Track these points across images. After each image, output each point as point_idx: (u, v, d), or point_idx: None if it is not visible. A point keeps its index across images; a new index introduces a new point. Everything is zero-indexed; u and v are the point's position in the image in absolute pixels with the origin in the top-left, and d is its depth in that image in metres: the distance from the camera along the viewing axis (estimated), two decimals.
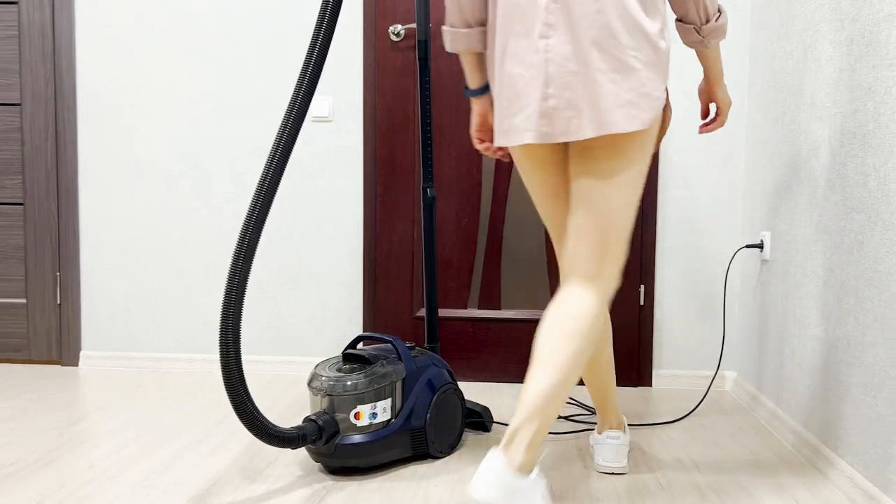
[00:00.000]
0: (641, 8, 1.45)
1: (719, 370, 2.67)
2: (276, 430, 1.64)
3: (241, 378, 1.57)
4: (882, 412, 1.59)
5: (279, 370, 2.81)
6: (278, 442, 1.64)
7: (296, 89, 1.67)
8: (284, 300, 2.80)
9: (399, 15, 2.66)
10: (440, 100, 2.69)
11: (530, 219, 2.69)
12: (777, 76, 2.26)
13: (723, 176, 2.61)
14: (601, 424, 1.91)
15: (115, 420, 2.24)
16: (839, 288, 1.81)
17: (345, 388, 1.77)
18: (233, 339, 1.56)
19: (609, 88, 1.44)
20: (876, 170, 1.64)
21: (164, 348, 2.87)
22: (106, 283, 2.87)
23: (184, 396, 2.49)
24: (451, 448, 1.97)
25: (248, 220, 1.60)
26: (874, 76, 1.65)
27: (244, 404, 1.58)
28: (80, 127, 2.84)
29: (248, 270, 1.59)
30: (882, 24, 1.62)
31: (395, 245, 2.73)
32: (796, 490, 1.77)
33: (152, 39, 2.80)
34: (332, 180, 2.75)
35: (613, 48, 1.43)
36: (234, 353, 1.56)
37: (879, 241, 1.61)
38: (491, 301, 2.73)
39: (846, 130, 1.78)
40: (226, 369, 1.55)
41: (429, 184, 2.14)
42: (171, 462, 1.91)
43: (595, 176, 1.52)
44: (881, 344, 1.60)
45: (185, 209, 2.82)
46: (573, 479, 1.82)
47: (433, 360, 1.97)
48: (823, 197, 1.90)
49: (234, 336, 1.56)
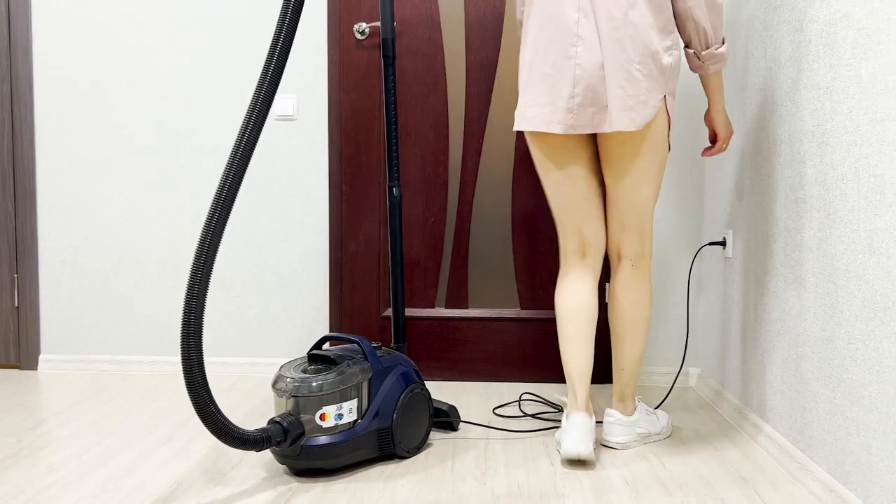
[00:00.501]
0: (654, 27, 1.79)
1: (683, 367, 2.70)
2: (240, 432, 1.62)
3: (203, 380, 1.54)
4: (840, 406, 1.62)
5: (243, 372, 2.78)
6: (242, 444, 1.62)
7: (258, 87, 1.65)
8: (249, 301, 2.77)
9: (364, 13, 2.65)
10: (406, 98, 2.68)
11: (497, 217, 2.69)
12: (738, 75, 2.29)
13: (689, 175, 2.64)
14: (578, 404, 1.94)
15: (76, 424, 2.20)
16: (799, 285, 1.84)
17: (310, 390, 1.75)
18: (194, 341, 1.53)
19: (617, 94, 1.79)
20: (833, 168, 1.66)
21: (126, 350, 2.82)
22: (65, 285, 2.82)
23: (146, 399, 2.46)
24: (418, 448, 1.97)
25: (210, 219, 1.58)
26: (832, 76, 1.68)
27: (206, 407, 1.55)
28: (37, 125, 2.78)
29: (209, 270, 1.57)
30: (839, 24, 1.65)
31: (361, 244, 2.72)
32: (759, 484, 1.79)
33: (111, 36, 2.75)
34: (296, 179, 2.73)
35: (624, 61, 1.78)
36: (195, 355, 1.53)
37: (838, 238, 1.64)
38: (458, 300, 2.73)
39: (805, 129, 1.81)
40: (188, 371, 1.53)
41: (394, 183, 2.13)
42: (133, 465, 1.88)
43: (620, 173, 1.91)
44: (839, 339, 1.63)
45: (145, 208, 2.78)
46: (539, 476, 1.82)
47: (400, 359, 1.96)
48: (784, 195, 1.93)
49: (196, 337, 1.54)
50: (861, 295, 1.54)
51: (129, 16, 2.73)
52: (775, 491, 1.75)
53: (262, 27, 2.70)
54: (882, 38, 1.48)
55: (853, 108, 1.58)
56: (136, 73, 2.75)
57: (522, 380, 2.71)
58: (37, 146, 2.79)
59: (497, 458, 1.95)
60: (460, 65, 2.66)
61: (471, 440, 2.09)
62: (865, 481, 1.52)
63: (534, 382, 2.71)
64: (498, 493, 1.72)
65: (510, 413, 2.34)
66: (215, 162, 2.75)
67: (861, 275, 1.54)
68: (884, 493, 1.45)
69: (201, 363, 1.54)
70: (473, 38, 2.65)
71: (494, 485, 1.77)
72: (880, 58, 1.48)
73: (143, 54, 2.74)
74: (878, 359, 1.47)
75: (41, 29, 2.76)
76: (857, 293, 1.56)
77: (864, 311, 1.53)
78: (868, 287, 1.51)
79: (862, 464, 1.53)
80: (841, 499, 1.59)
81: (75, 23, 2.75)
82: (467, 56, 2.66)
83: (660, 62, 1.80)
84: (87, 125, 2.78)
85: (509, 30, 2.64)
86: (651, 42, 1.79)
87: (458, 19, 2.65)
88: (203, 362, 1.55)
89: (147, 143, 2.76)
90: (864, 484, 1.52)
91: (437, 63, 2.66)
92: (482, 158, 2.69)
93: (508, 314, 2.71)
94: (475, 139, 2.68)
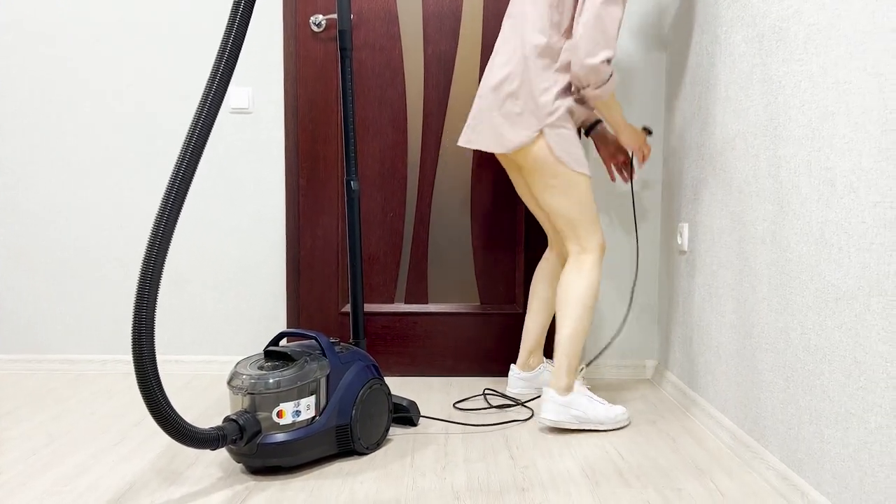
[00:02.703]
0: (537, 67, 2.05)
1: (641, 360, 2.72)
2: (195, 430, 1.59)
3: (156, 378, 1.51)
4: (794, 395, 1.65)
5: (199, 370, 2.74)
6: (197, 443, 1.59)
7: (210, 79, 1.61)
8: (204, 297, 2.72)
9: (320, 5, 2.62)
10: (364, 92, 2.65)
11: (456, 212, 2.69)
12: (693, 70, 2.32)
13: (651, 169, 2.66)
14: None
15: (25, 424, 2.14)
16: (753, 276, 1.86)
17: (266, 387, 1.73)
18: (146, 338, 1.50)
19: (498, 121, 2.10)
20: (787, 161, 1.69)
21: (77, 349, 2.75)
22: (13, 283, 2.74)
23: (99, 399, 2.40)
24: (377, 444, 1.95)
25: (161, 213, 1.54)
26: (784, 70, 1.71)
27: (160, 405, 1.52)
28: None
29: (161, 265, 1.53)
30: (791, 19, 1.68)
31: (319, 239, 2.69)
32: (715, 474, 1.81)
33: (63, 32, 2.67)
34: (252, 173, 2.69)
35: (508, 94, 2.09)
36: (147, 352, 1.50)
37: (790, 229, 1.67)
38: (418, 296, 2.72)
39: (759, 123, 1.84)
40: (139, 369, 1.49)
41: (352, 177, 2.11)
42: (85, 466, 1.83)
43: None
44: (793, 329, 1.66)
45: (96, 203, 2.71)
46: (499, 470, 1.82)
47: (358, 355, 1.94)
48: (738, 188, 1.96)
49: (148, 335, 1.50)
50: (813, 286, 1.57)
51: (83, 14, 2.66)
52: (731, 479, 1.77)
53: (221, 23, 2.65)
54: (832, 34, 1.50)
55: (805, 103, 1.61)
56: (88, 68, 2.68)
57: (482, 374, 2.71)
58: None
59: (457, 453, 1.94)
60: (418, 58, 2.64)
61: (430, 435, 2.08)
62: (818, 468, 1.54)
63: (493, 377, 2.71)
64: (458, 488, 1.72)
65: (470, 407, 2.34)
66: (168, 158, 2.69)
67: (813, 266, 1.57)
68: (835, 479, 1.47)
69: (153, 361, 1.50)
70: (431, 31, 2.64)
71: (454, 479, 1.77)
72: (831, 52, 1.51)
73: (96, 51, 2.67)
74: (830, 348, 1.50)
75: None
76: (810, 284, 1.58)
77: (816, 302, 1.56)
78: (820, 278, 1.54)
79: (814, 451, 1.56)
80: (794, 486, 1.62)
81: (29, 20, 2.66)
82: (425, 49, 2.64)
83: (536, 100, 2.07)
84: (37, 121, 2.70)
85: (467, 23, 2.63)
86: (532, 82, 2.07)
87: (415, 12, 2.63)
88: (155, 360, 1.52)
89: (97, 136, 2.69)
90: (817, 471, 1.55)
91: (394, 56, 2.64)
92: (441, 153, 2.68)
93: (468, 309, 2.71)
94: (434, 134, 2.67)
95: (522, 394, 2.48)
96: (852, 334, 1.42)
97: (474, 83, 2.65)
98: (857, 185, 1.41)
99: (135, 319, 1.50)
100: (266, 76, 2.66)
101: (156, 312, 1.52)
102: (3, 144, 2.70)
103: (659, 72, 2.63)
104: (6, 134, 2.70)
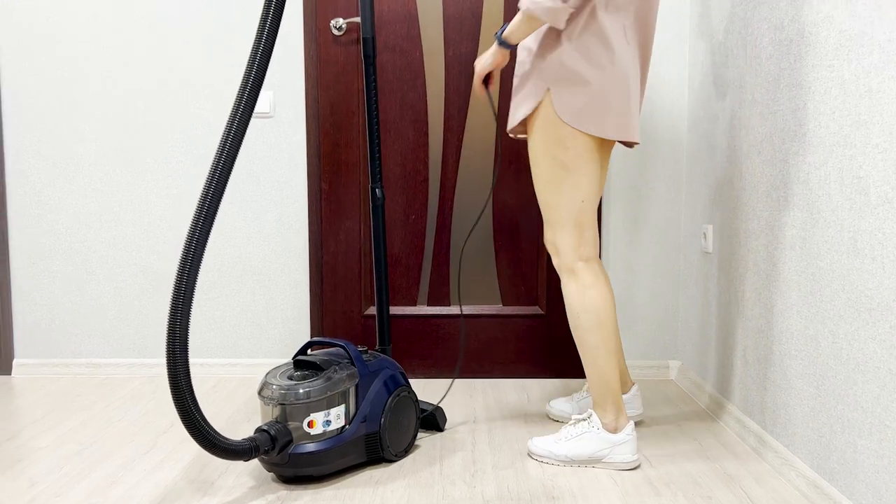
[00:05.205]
0: None
1: (664, 360, 2.72)
2: (228, 443, 1.60)
3: (190, 393, 1.53)
4: (825, 404, 1.65)
5: (224, 373, 2.75)
6: (231, 455, 1.61)
7: (241, 88, 1.63)
8: (229, 301, 2.74)
9: (340, 8, 2.61)
10: (385, 94, 2.65)
11: (477, 214, 2.68)
12: (718, 71, 2.30)
13: (671, 169, 2.65)
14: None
15: (55, 433, 2.16)
16: (781, 282, 1.86)
17: (297, 397, 1.74)
18: (181, 352, 1.51)
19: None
20: (816, 168, 1.68)
21: (102, 353, 2.78)
22: (38, 288, 2.76)
23: (126, 404, 2.42)
24: (405, 451, 1.96)
25: (195, 223, 1.56)
26: (814, 76, 1.69)
27: (194, 419, 1.53)
28: (5, 127, 2.71)
29: (195, 279, 1.55)
30: (821, 24, 1.66)
31: (342, 243, 2.69)
32: (744, 480, 1.81)
33: (79, 34, 2.68)
34: (274, 178, 2.69)
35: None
36: (182, 366, 1.51)
37: (821, 238, 1.66)
38: (440, 298, 2.72)
39: (787, 128, 1.82)
40: (174, 383, 1.51)
41: (377, 184, 2.11)
42: (117, 476, 1.85)
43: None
44: (824, 337, 1.65)
45: (118, 208, 2.73)
46: (529, 478, 1.83)
47: (386, 363, 1.95)
48: (765, 193, 1.95)
49: (182, 349, 1.51)
50: (845, 295, 1.56)
51: (98, 15, 2.66)
52: (760, 486, 1.77)
53: (237, 25, 2.65)
54: (865, 42, 1.49)
55: (836, 110, 1.60)
56: (107, 72, 2.68)
57: (504, 376, 2.72)
58: (6, 148, 2.72)
59: (485, 460, 1.95)
60: (439, 60, 2.64)
61: (457, 440, 2.09)
62: (851, 478, 1.54)
63: (515, 378, 2.72)
64: (488, 497, 1.73)
65: (496, 413, 2.34)
66: (189, 161, 2.70)
67: (845, 275, 1.56)
68: (869, 489, 1.47)
69: (188, 375, 1.52)
70: (452, 33, 2.63)
71: (484, 488, 1.78)
72: (863, 60, 1.49)
73: (113, 53, 2.68)
74: (863, 359, 1.49)
75: (5, 31, 2.68)
76: (841, 293, 1.57)
77: (849, 312, 1.55)
78: (852, 288, 1.53)
79: (847, 461, 1.55)
80: (826, 495, 1.62)
81: (41, 23, 2.67)
82: (446, 52, 2.64)
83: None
84: (57, 127, 2.71)
85: (488, 25, 2.62)
86: None
87: (436, 14, 2.62)
88: (189, 374, 1.53)
89: (119, 142, 2.71)
90: (850, 481, 1.54)
91: (415, 59, 2.64)
92: (462, 155, 2.67)
93: (490, 311, 2.71)
94: (455, 136, 2.66)
95: (563, 411, 2.26)
96: (887, 346, 1.42)
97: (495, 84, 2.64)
98: (892, 196, 1.40)
99: (169, 332, 1.52)
100: (287, 80, 2.66)
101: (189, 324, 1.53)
102: (25, 151, 2.72)
103: (680, 69, 2.61)
104: (29, 141, 2.72)
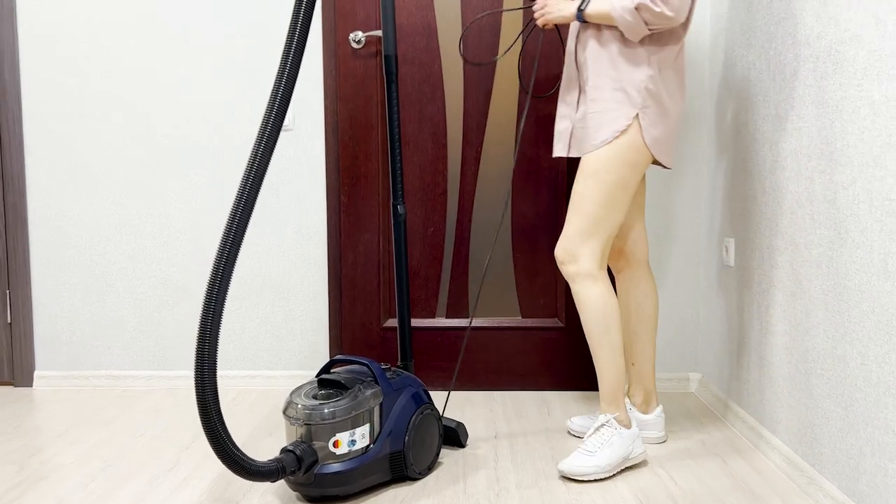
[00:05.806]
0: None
1: (684, 372, 2.71)
2: (255, 464, 1.61)
3: (219, 417, 1.53)
4: (853, 425, 1.63)
5: (244, 385, 2.76)
6: (259, 477, 1.61)
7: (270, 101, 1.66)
8: (248, 313, 2.74)
9: (359, 21, 2.61)
10: (404, 107, 2.65)
11: (496, 226, 2.68)
12: (740, 85, 2.29)
13: (691, 181, 2.64)
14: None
15: (79, 448, 2.17)
16: (807, 300, 1.84)
17: (322, 417, 1.74)
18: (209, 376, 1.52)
19: None
20: (844, 188, 1.67)
21: (122, 365, 2.79)
22: (59, 300, 2.77)
23: (148, 418, 2.43)
24: (429, 468, 1.96)
25: (224, 243, 1.57)
26: (841, 95, 1.68)
27: (221, 440, 1.54)
28: (26, 139, 2.73)
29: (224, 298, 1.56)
30: (849, 43, 1.65)
31: (361, 255, 2.70)
32: (770, 499, 1.80)
33: (100, 46, 2.69)
34: (294, 191, 2.70)
35: None
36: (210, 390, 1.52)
37: (849, 258, 1.65)
38: (459, 310, 2.72)
39: (812, 145, 1.81)
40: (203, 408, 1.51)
41: (399, 200, 2.11)
42: (143, 495, 1.85)
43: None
44: (852, 358, 1.64)
45: (137, 220, 2.74)
46: (554, 498, 1.82)
47: (409, 380, 1.95)
48: (790, 209, 1.94)
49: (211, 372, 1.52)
50: (875, 317, 1.55)
51: (120, 27, 2.67)
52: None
53: (256, 37, 2.66)
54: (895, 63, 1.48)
55: (865, 129, 1.58)
56: (126, 83, 2.69)
57: (523, 388, 2.72)
58: (26, 160, 2.73)
59: (508, 478, 1.94)
60: (458, 73, 2.64)
61: (479, 457, 2.09)
62: (881, 502, 1.53)
63: (534, 391, 2.71)
64: None
65: (517, 428, 2.34)
66: (208, 174, 2.71)
67: (875, 297, 1.55)
68: None
69: (216, 399, 1.53)
70: (471, 45, 2.62)
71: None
72: (894, 81, 1.48)
73: (133, 65, 2.69)
74: (894, 382, 1.48)
75: (27, 43, 2.69)
76: (871, 315, 1.56)
77: (878, 334, 1.54)
78: (882, 310, 1.52)
79: (878, 485, 1.54)
80: None
81: (63, 35, 2.68)
82: (465, 64, 2.63)
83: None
84: (77, 138, 2.72)
85: (506, 37, 2.62)
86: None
87: (455, 27, 2.62)
88: (218, 398, 1.54)
89: (139, 155, 2.71)
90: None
91: (434, 71, 2.64)
92: (481, 167, 2.67)
93: (509, 323, 2.71)
94: (474, 148, 2.66)
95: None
96: None
97: (514, 98, 2.64)
98: None
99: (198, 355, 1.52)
100: (306, 94, 2.66)
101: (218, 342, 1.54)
102: (44, 164, 2.73)
103: (701, 79, 2.60)
104: (48, 154, 2.73)
